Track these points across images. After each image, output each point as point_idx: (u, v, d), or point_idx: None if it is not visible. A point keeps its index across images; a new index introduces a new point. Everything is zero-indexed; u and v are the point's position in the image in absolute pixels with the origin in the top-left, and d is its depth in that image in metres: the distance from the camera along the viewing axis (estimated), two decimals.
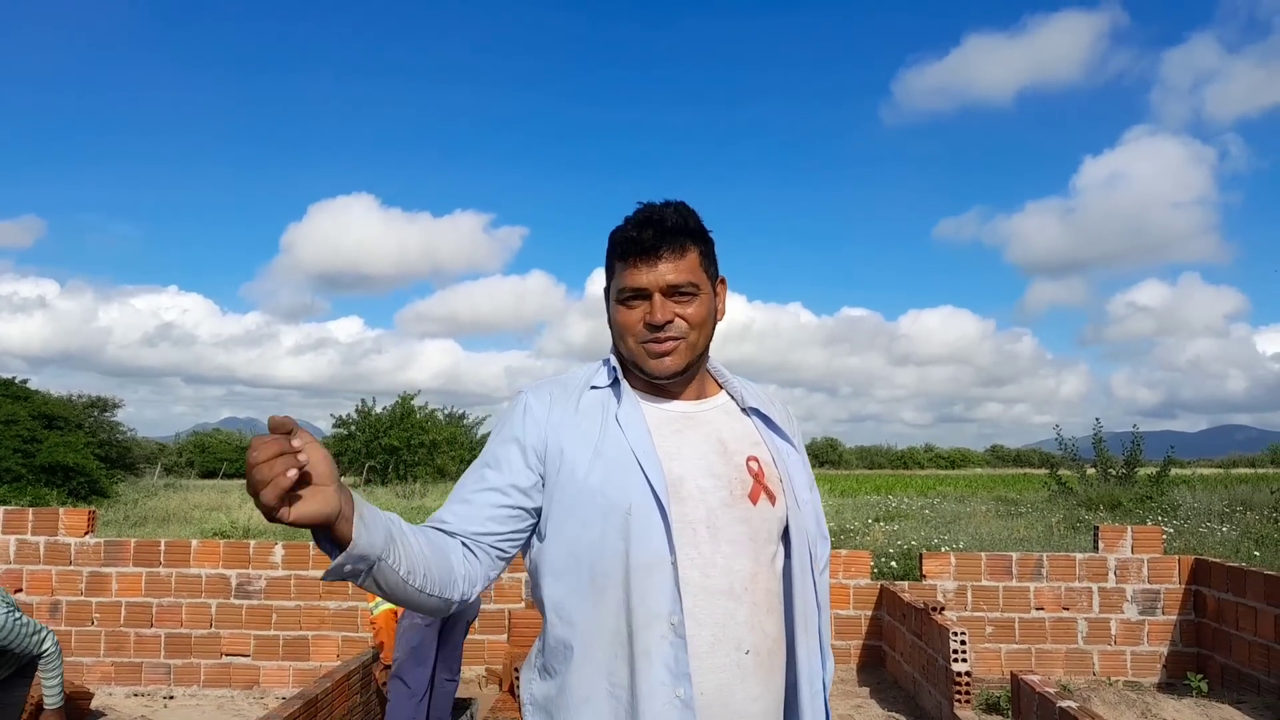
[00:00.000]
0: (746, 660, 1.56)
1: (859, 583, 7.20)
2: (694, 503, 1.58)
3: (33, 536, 6.90)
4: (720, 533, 1.58)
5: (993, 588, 7.00)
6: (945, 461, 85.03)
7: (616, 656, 1.54)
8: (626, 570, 1.53)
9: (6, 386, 22.20)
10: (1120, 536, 7.02)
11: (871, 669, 7.06)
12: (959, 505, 19.00)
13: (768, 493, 1.64)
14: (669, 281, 1.62)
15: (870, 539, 12.55)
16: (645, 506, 1.54)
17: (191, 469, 39.37)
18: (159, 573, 6.90)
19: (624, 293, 1.65)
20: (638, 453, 1.58)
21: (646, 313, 1.63)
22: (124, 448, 27.24)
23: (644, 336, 1.63)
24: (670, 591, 1.52)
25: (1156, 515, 14.29)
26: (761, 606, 1.59)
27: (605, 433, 1.62)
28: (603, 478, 1.57)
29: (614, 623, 1.54)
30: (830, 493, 25.34)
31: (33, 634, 3.75)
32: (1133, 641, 6.90)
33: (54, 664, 3.82)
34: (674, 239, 1.63)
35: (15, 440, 19.91)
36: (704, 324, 1.67)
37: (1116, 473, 19.17)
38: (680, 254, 1.64)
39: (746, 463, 1.65)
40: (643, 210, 1.68)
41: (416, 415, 36.18)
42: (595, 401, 1.67)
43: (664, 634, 1.51)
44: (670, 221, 1.64)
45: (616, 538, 1.54)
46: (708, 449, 1.64)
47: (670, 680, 1.50)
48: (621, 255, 1.65)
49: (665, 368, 1.64)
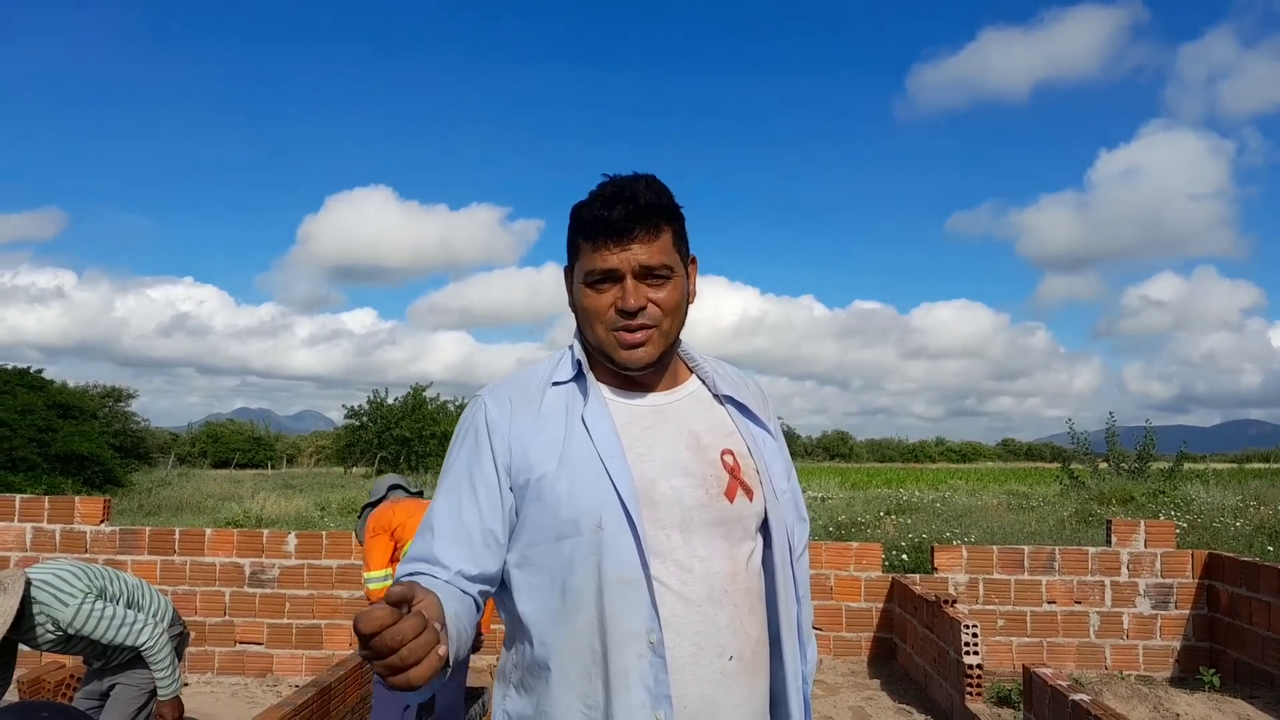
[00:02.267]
0: (730, 667, 1.47)
1: (870, 575, 7.19)
2: (667, 506, 1.48)
3: (49, 525, 6.96)
4: (695, 535, 1.48)
5: (1005, 581, 6.98)
6: (956, 455, 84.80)
7: (592, 677, 1.44)
8: (599, 587, 1.43)
9: (22, 376, 22.36)
10: (1133, 530, 6.99)
11: (882, 661, 7.06)
12: (970, 498, 18.94)
13: (744, 488, 1.54)
14: (642, 263, 1.49)
15: (881, 531, 12.53)
16: (615, 518, 1.43)
17: (204, 459, 39.61)
18: (174, 561, 6.95)
19: (592, 275, 1.51)
20: (605, 458, 1.46)
21: (617, 297, 1.50)
22: (138, 437, 27.43)
23: (615, 323, 1.51)
24: (647, 608, 1.42)
25: (1169, 510, 14.22)
26: (743, 608, 1.51)
27: (570, 436, 1.50)
28: (569, 487, 1.46)
29: (588, 642, 1.44)
30: (841, 485, 25.30)
31: (120, 626, 3.58)
32: (1145, 636, 6.88)
33: (157, 656, 3.66)
34: (648, 218, 1.49)
35: (31, 430, 20.05)
36: (678, 309, 1.55)
37: (1129, 467, 19.10)
38: (654, 234, 1.50)
39: (721, 456, 1.54)
40: (610, 185, 1.52)
41: (428, 407, 36.32)
42: (558, 401, 1.55)
43: (642, 653, 1.42)
44: (643, 199, 1.49)
45: (588, 552, 1.44)
46: (680, 445, 1.54)
47: (650, 701, 1.41)
48: (589, 235, 1.51)
49: (637, 359, 1.52)
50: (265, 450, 46.28)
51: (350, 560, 6.91)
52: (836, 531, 12.77)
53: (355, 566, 6.90)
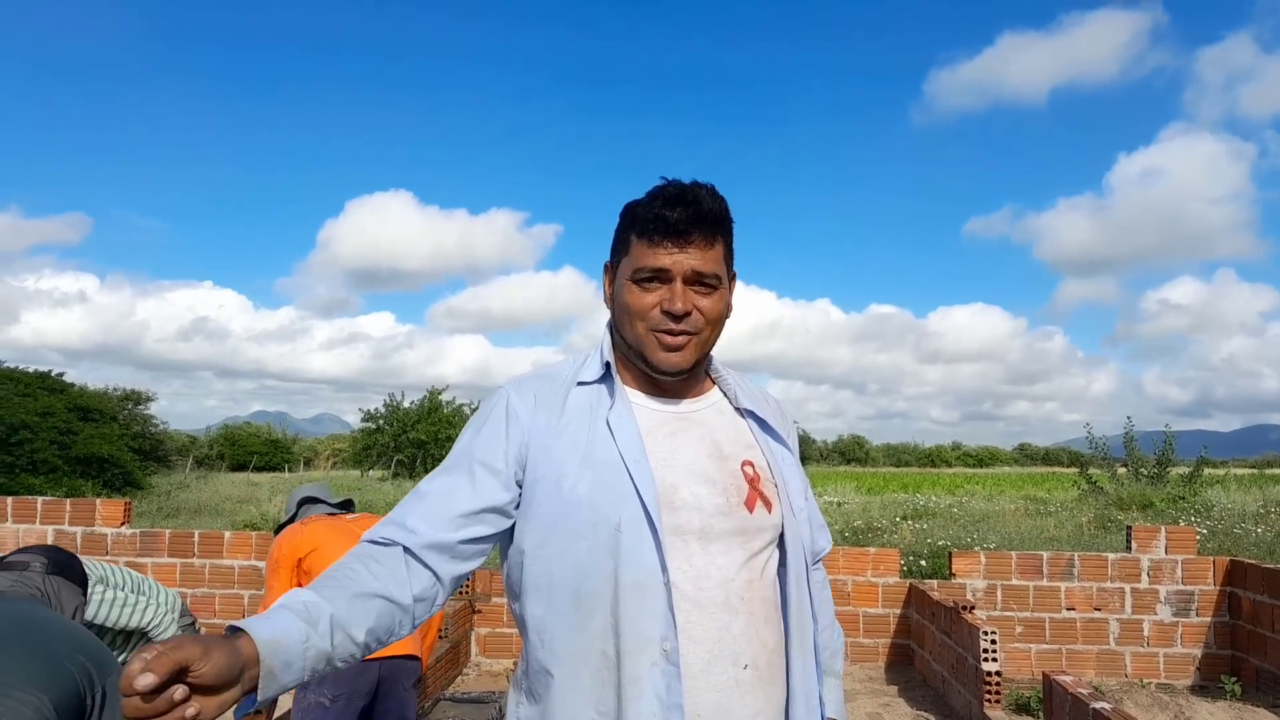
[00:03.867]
0: (745, 675, 1.45)
1: (888, 581, 7.16)
2: (688, 512, 1.46)
3: (70, 527, 7.02)
4: (714, 543, 1.47)
5: (1023, 587, 6.94)
6: (973, 460, 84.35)
7: (604, 684, 1.41)
8: (615, 591, 1.41)
9: (43, 379, 22.55)
10: (1154, 537, 6.94)
11: (900, 667, 7.03)
12: (988, 504, 18.84)
13: (764, 499, 1.53)
14: (694, 269, 1.49)
15: (899, 537, 12.48)
16: (636, 521, 1.42)
17: (222, 461, 39.83)
18: (193, 564, 6.99)
19: (641, 272, 1.50)
20: (628, 460, 1.45)
21: (664, 298, 1.49)
22: (156, 440, 27.60)
23: (658, 324, 1.50)
24: (663, 614, 1.40)
25: (1189, 516, 14.10)
26: (759, 616, 1.49)
27: (594, 436, 1.48)
28: (591, 488, 1.44)
29: (601, 646, 1.42)
30: (857, 490, 25.21)
31: (124, 608, 3.57)
32: (1166, 643, 6.82)
33: (165, 636, 3.62)
34: (707, 225, 1.50)
35: (52, 432, 20.21)
36: (719, 320, 1.55)
37: (1148, 472, 18.93)
38: (710, 242, 1.51)
39: (742, 467, 1.54)
40: (673, 187, 1.52)
41: (444, 410, 36.47)
42: (583, 400, 1.53)
43: (655, 660, 1.39)
44: (706, 205, 1.50)
45: (604, 555, 1.41)
46: (702, 453, 1.53)
47: (661, 711, 1.38)
48: (645, 233, 1.50)
49: (673, 364, 1.51)
50: (282, 453, 46.51)
51: None
52: (853, 537, 12.72)
53: None
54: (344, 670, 3.32)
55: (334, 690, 3.38)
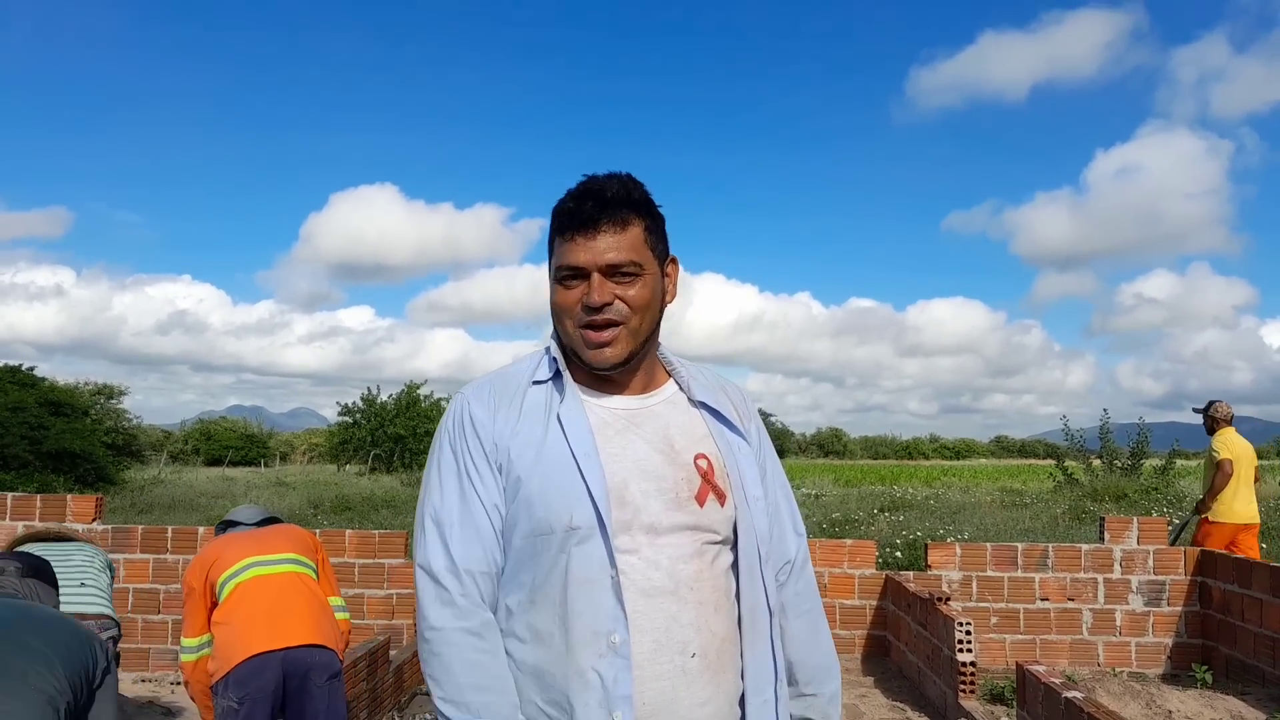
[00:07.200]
0: (692, 664, 1.47)
1: (864, 572, 7.20)
2: (636, 509, 1.49)
3: (41, 523, 6.92)
4: (663, 536, 1.49)
5: (998, 578, 6.99)
6: (950, 452, 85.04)
7: (555, 675, 1.46)
8: (565, 585, 1.45)
9: (14, 374, 22.26)
10: (1126, 528, 7.01)
11: (876, 659, 7.07)
12: (964, 496, 19.00)
13: (716, 492, 1.55)
14: (609, 260, 1.50)
15: (875, 529, 12.56)
16: (586, 518, 1.45)
17: (197, 456, 39.50)
18: (166, 559, 6.92)
19: (561, 271, 1.53)
20: (578, 456, 1.48)
21: (584, 293, 1.51)
22: (130, 435, 27.33)
23: (582, 319, 1.52)
24: (611, 608, 1.43)
25: (1162, 507, 14.28)
26: (709, 605, 1.51)
27: (547, 433, 1.51)
28: (543, 484, 1.48)
29: (551, 639, 1.46)
30: (834, 482, 25.34)
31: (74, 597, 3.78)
32: (1138, 633, 6.90)
33: None
34: (614, 211, 1.51)
35: (23, 427, 19.96)
36: (647, 307, 1.54)
37: (1123, 464, 19.16)
38: (621, 228, 1.52)
39: (695, 460, 1.55)
40: (584, 181, 1.56)
41: (422, 404, 36.27)
42: (539, 399, 1.56)
43: (602, 652, 1.43)
44: (611, 192, 1.52)
45: (557, 551, 1.45)
46: (653, 449, 1.54)
47: (608, 702, 1.41)
48: (560, 229, 1.54)
49: (605, 359, 1.53)
50: (258, 448, 46.16)
51: (344, 558, 6.87)
52: (830, 529, 12.79)
53: (348, 565, 6.86)
54: (242, 668, 3.29)
55: (238, 692, 3.28)
